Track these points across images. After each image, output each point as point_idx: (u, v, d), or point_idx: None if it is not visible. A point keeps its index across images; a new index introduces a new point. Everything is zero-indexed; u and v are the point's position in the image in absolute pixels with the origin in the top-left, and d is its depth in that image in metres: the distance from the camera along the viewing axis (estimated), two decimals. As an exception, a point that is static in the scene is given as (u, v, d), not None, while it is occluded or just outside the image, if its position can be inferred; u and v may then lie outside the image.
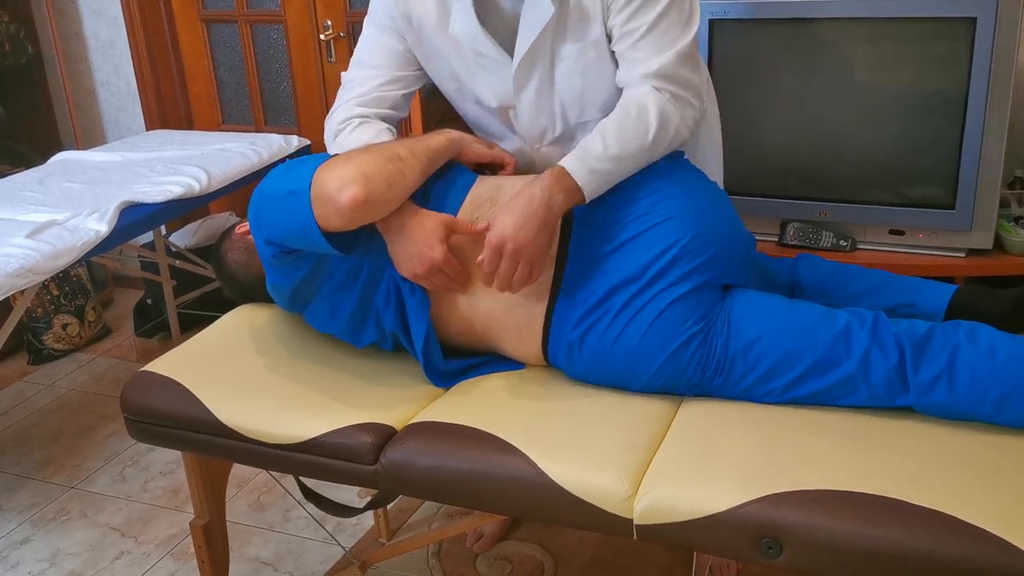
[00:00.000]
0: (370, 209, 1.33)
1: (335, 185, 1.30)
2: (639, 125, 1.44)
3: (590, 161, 1.41)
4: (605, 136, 1.43)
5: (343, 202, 1.29)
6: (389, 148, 1.40)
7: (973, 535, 1.06)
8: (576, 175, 1.40)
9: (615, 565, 2.05)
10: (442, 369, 1.50)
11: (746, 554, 1.17)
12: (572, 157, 1.43)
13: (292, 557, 2.17)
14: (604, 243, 1.41)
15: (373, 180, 1.32)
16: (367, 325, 1.51)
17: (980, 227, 2.21)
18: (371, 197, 1.31)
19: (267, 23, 3.28)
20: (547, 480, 1.25)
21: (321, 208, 1.31)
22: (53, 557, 2.22)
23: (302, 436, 1.39)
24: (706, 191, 1.50)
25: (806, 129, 2.35)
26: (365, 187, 1.30)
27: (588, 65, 1.52)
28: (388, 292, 1.47)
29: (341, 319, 1.51)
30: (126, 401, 1.55)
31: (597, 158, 1.41)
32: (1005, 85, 2.07)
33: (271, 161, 2.80)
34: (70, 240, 2.16)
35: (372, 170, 1.33)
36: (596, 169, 1.41)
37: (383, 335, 1.52)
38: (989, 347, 1.27)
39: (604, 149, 1.42)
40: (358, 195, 1.30)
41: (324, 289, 1.49)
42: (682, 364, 1.37)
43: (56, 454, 2.65)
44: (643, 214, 1.41)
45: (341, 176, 1.30)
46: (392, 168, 1.36)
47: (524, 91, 1.55)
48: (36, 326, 3.19)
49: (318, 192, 1.31)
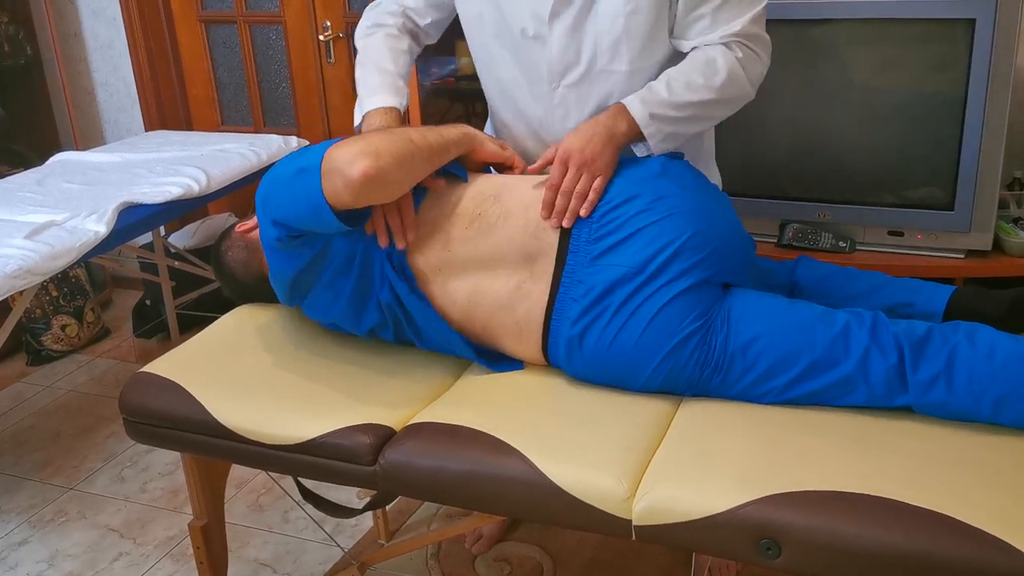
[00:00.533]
0: (379, 185, 1.34)
1: (346, 158, 1.31)
2: (707, 76, 1.50)
3: (652, 105, 1.48)
4: (671, 83, 1.50)
5: (353, 175, 1.30)
6: (403, 131, 1.42)
7: (972, 536, 1.06)
8: (636, 114, 1.48)
9: (614, 566, 2.05)
10: (457, 339, 1.50)
11: (745, 555, 1.17)
12: (635, 98, 1.50)
13: (291, 558, 2.17)
14: (603, 239, 1.41)
15: (383, 157, 1.33)
16: (368, 307, 1.51)
17: (979, 228, 2.21)
18: (381, 172, 1.32)
19: (266, 24, 3.28)
20: (546, 481, 1.25)
21: (331, 183, 1.32)
22: (52, 558, 2.22)
23: (301, 437, 1.39)
24: (706, 191, 1.51)
25: (805, 130, 2.35)
26: (376, 162, 1.31)
27: (637, 10, 1.52)
28: (383, 270, 1.48)
29: (341, 303, 1.51)
30: (125, 402, 1.55)
31: (660, 103, 1.48)
32: (1004, 86, 2.08)
33: (270, 162, 2.79)
34: (69, 241, 2.16)
35: (383, 147, 1.34)
36: (657, 114, 1.48)
37: (383, 317, 1.52)
38: (988, 348, 1.27)
39: (668, 95, 1.49)
40: (368, 169, 1.31)
41: (324, 276, 1.49)
42: (681, 361, 1.37)
43: (55, 455, 2.65)
44: (643, 210, 1.41)
45: (352, 150, 1.32)
46: (404, 149, 1.37)
47: (561, 18, 1.55)
48: (35, 327, 3.19)
49: (329, 167, 1.32)
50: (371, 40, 1.73)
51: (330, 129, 3.29)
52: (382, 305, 1.50)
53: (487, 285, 1.46)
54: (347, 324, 1.55)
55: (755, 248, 1.57)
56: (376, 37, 1.73)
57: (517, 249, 1.45)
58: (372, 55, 1.71)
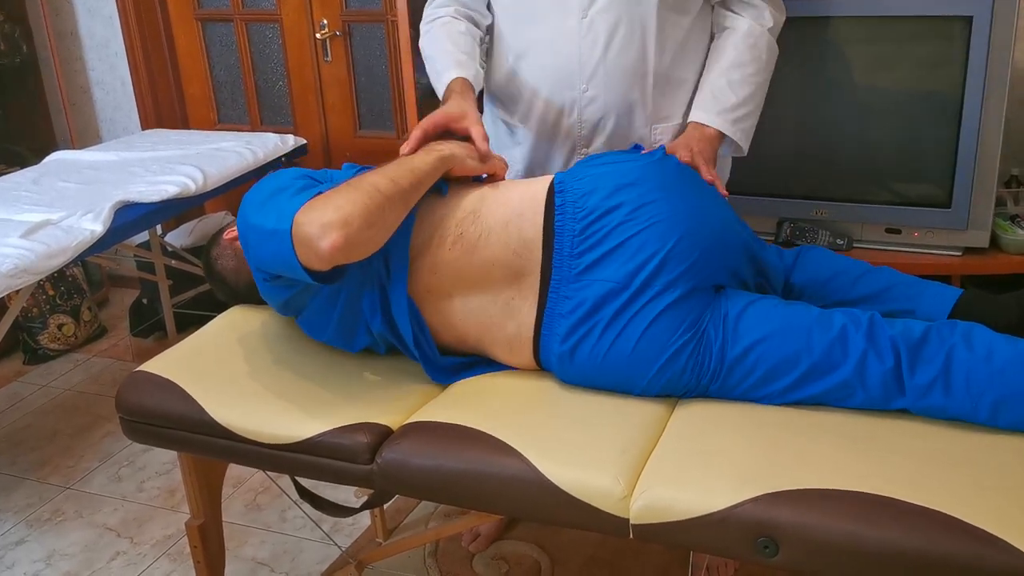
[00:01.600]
0: (351, 252, 1.30)
1: (314, 232, 1.26)
2: (756, 61, 1.69)
3: (727, 112, 1.67)
4: (732, 84, 1.68)
5: (323, 249, 1.26)
6: (371, 183, 1.34)
7: (970, 534, 1.06)
8: (719, 126, 1.67)
9: (612, 564, 2.05)
10: (440, 364, 1.50)
11: (742, 553, 1.17)
12: (708, 112, 1.68)
13: (288, 557, 2.17)
14: (586, 253, 1.39)
15: (352, 224, 1.27)
16: (358, 333, 1.51)
17: (976, 226, 2.21)
18: (351, 241, 1.28)
19: (263, 22, 3.27)
20: (543, 480, 1.24)
21: (303, 252, 1.29)
22: (49, 558, 2.22)
23: (298, 436, 1.39)
24: (692, 187, 1.47)
25: (802, 128, 2.35)
26: (344, 232, 1.26)
27: None
28: (372, 301, 1.46)
29: (330, 330, 1.51)
30: (121, 401, 1.54)
31: (733, 107, 1.67)
32: (1001, 83, 2.08)
33: (266, 161, 2.80)
34: (65, 240, 2.16)
35: (351, 212, 1.28)
36: (735, 118, 1.67)
37: (375, 340, 1.52)
38: (986, 351, 1.26)
39: (736, 98, 1.67)
40: (337, 242, 1.26)
41: (313, 304, 1.50)
42: (676, 372, 1.36)
43: (51, 454, 2.64)
44: (625, 221, 1.38)
45: (320, 222, 1.26)
46: (372, 205, 1.31)
47: None
48: (32, 326, 3.19)
49: (299, 237, 1.28)
50: (427, 36, 1.77)
51: (327, 127, 3.29)
52: (372, 333, 1.50)
53: (476, 304, 1.45)
54: (339, 345, 1.55)
55: (750, 234, 1.54)
56: (433, 30, 1.76)
57: (502, 268, 1.43)
58: (428, 46, 1.75)
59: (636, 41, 1.65)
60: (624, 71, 1.66)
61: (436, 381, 1.50)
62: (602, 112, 1.69)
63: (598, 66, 1.66)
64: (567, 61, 1.67)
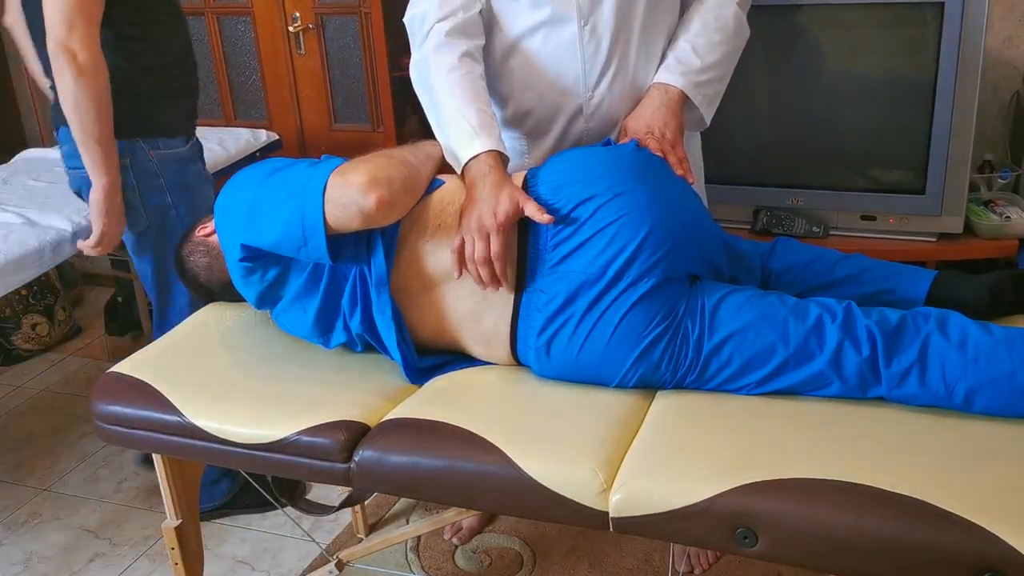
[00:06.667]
0: (391, 212, 1.38)
1: (358, 188, 1.34)
2: (722, 31, 1.63)
3: (691, 75, 1.59)
4: (696, 49, 1.61)
5: (368, 204, 1.33)
6: (398, 153, 1.45)
7: (944, 519, 1.07)
8: (681, 86, 1.59)
9: (594, 554, 2.06)
10: (417, 366, 1.49)
11: (722, 544, 1.17)
12: (672, 73, 1.60)
13: (269, 555, 2.16)
14: (561, 244, 1.39)
15: (394, 184, 1.37)
16: (335, 328, 1.50)
17: (950, 212, 2.23)
18: (394, 199, 1.37)
19: (235, 15, 3.24)
20: (522, 475, 1.24)
21: (342, 210, 1.34)
22: (27, 560, 2.20)
23: (274, 436, 1.38)
24: (664, 179, 1.46)
25: (777, 117, 2.35)
26: (389, 189, 1.35)
27: None
28: (354, 294, 1.46)
29: (307, 323, 1.50)
30: (95, 405, 1.52)
31: (697, 71, 1.60)
32: (973, 69, 2.09)
33: (239, 157, 2.77)
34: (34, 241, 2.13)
35: (392, 174, 1.37)
36: (699, 81, 1.60)
37: (351, 338, 1.51)
38: (960, 339, 1.27)
39: (700, 62, 1.60)
40: (384, 197, 1.34)
41: (290, 294, 1.49)
42: (652, 364, 1.36)
43: (28, 456, 2.62)
44: (597, 212, 1.37)
45: (362, 180, 1.34)
46: (408, 173, 1.41)
47: None
48: (5, 326, 3.15)
49: (338, 195, 1.34)
50: (437, 84, 1.55)
51: (302, 121, 3.26)
52: (350, 330, 1.49)
53: (453, 297, 1.45)
54: (315, 341, 1.54)
55: (722, 231, 1.54)
56: (443, 78, 1.54)
57: None
58: (443, 95, 1.53)
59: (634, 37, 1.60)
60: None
61: (412, 382, 1.49)
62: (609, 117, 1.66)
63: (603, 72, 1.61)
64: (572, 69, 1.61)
